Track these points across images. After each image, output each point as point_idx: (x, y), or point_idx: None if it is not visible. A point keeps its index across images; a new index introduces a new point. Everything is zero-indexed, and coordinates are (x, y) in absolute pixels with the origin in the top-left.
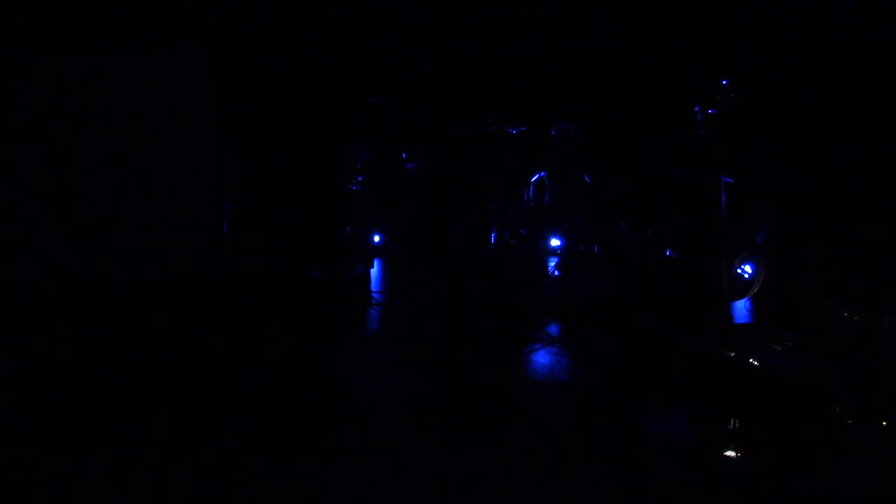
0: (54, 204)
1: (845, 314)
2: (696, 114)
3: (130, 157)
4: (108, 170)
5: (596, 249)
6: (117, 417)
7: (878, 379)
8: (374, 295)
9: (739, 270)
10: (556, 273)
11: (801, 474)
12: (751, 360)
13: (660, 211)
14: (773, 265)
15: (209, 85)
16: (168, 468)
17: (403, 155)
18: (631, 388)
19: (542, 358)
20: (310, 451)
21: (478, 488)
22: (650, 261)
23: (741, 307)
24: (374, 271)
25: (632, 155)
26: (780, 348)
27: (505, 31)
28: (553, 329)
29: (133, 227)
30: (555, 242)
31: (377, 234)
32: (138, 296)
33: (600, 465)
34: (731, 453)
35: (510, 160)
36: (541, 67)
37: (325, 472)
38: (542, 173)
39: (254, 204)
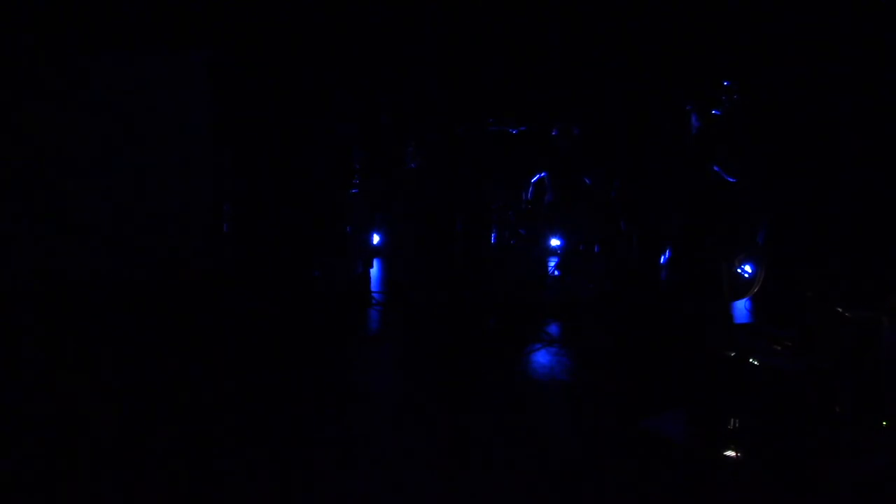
0: (54, 204)
1: (845, 314)
2: (695, 113)
3: (131, 157)
4: (109, 169)
5: (596, 249)
6: (114, 417)
7: (878, 379)
8: (374, 295)
9: (739, 270)
10: (556, 273)
11: (802, 474)
12: (751, 360)
13: (660, 211)
14: (773, 265)
15: (211, 86)
16: (163, 466)
17: (403, 155)
18: (631, 388)
19: (542, 358)
20: (308, 451)
21: (477, 489)
22: (650, 261)
23: (741, 307)
24: (374, 271)
25: (632, 155)
26: (780, 348)
27: (505, 30)
28: (553, 329)
29: (133, 226)
30: (555, 242)
31: (377, 233)
32: (138, 296)
33: (600, 465)
34: (731, 453)
35: (510, 160)
36: (541, 67)
37: (324, 472)
38: (543, 173)
39: (254, 204)
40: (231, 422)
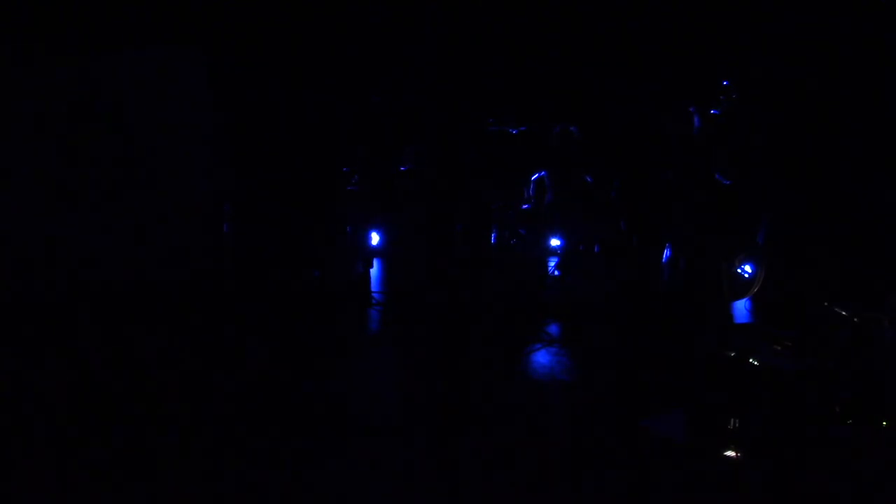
0: (53, 204)
1: (845, 314)
2: (695, 114)
3: (130, 157)
4: (107, 169)
5: (596, 249)
6: (113, 419)
7: (878, 379)
8: (374, 295)
9: (739, 270)
10: (556, 273)
11: (801, 474)
12: (751, 360)
13: (660, 211)
14: (773, 265)
15: (210, 85)
16: (162, 468)
17: (403, 155)
18: (631, 388)
19: (542, 358)
20: (306, 452)
21: (477, 489)
22: (650, 261)
23: (741, 307)
24: (374, 271)
25: (632, 155)
26: (780, 348)
27: (505, 30)
28: (553, 329)
29: (133, 227)
30: (555, 242)
31: (377, 234)
32: (137, 297)
33: (600, 465)
34: (731, 453)
35: (510, 160)
36: (541, 67)
37: (322, 472)
38: (542, 173)
39: (254, 204)
40: (229, 422)
